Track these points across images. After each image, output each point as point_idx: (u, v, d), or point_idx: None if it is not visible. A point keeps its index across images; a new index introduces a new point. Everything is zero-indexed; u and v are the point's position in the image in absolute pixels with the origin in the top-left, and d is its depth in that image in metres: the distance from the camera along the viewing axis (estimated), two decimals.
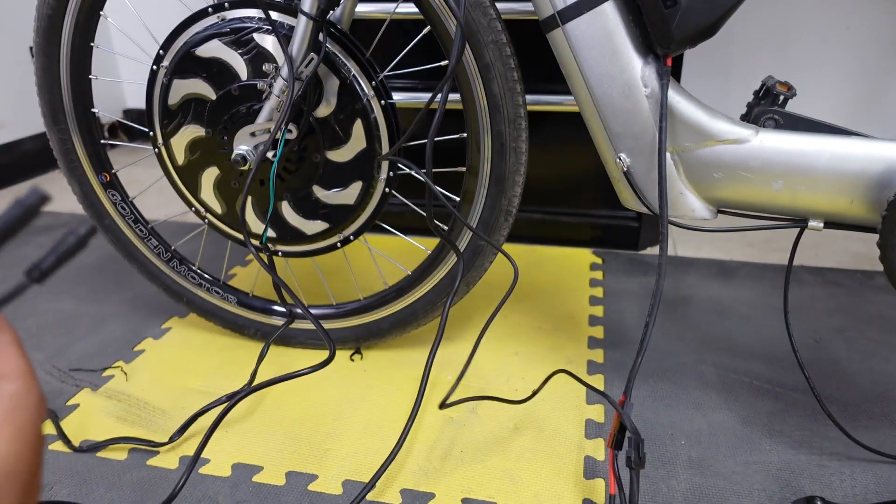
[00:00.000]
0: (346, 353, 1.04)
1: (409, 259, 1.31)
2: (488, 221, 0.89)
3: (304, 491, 0.77)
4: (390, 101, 0.86)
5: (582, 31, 0.73)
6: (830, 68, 1.52)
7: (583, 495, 0.76)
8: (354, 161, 0.88)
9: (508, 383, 0.96)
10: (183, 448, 0.85)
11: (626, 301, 1.19)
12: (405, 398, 0.93)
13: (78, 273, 1.32)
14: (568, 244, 1.42)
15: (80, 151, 1.02)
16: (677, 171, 0.76)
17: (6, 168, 1.88)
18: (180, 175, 0.96)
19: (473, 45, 0.80)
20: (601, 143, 0.79)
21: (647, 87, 0.74)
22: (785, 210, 0.74)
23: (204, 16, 0.86)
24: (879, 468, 0.79)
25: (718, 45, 1.56)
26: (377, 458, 0.82)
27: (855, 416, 0.88)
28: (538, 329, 1.10)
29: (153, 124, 0.93)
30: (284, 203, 0.92)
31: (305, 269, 1.29)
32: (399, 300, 0.98)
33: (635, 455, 0.64)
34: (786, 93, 0.74)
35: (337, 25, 0.84)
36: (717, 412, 0.89)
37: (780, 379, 0.96)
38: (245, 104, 0.86)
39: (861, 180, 0.69)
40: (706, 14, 0.69)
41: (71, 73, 0.97)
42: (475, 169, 0.88)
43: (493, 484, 0.78)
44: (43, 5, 0.92)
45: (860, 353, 1.01)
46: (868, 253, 1.36)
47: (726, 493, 0.76)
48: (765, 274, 1.28)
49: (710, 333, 1.08)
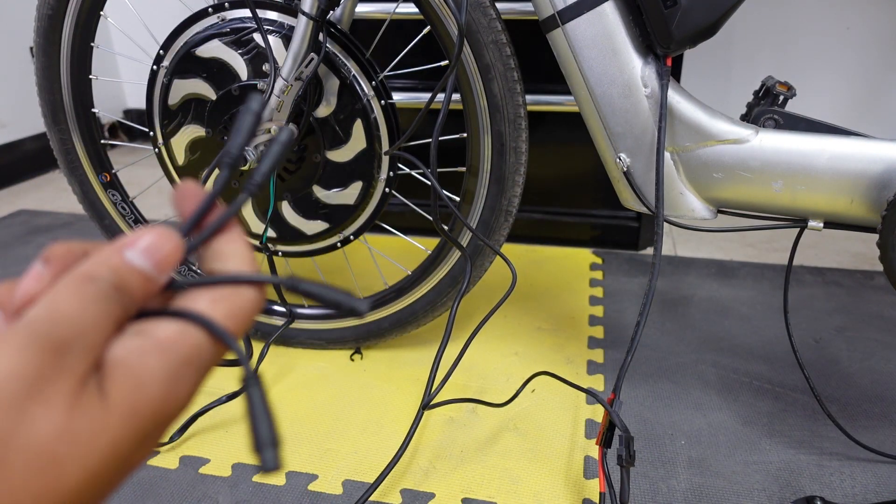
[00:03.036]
0: (346, 353, 1.04)
1: (409, 259, 1.31)
2: (488, 221, 0.89)
3: (304, 491, 0.78)
4: (390, 101, 0.86)
5: (582, 31, 0.73)
6: (830, 68, 1.52)
7: (582, 495, 0.76)
8: (354, 161, 0.88)
9: (508, 383, 0.96)
10: (183, 448, 0.85)
11: (626, 301, 1.19)
12: (405, 398, 0.93)
13: None
14: (568, 244, 1.42)
15: (81, 151, 1.02)
16: (677, 171, 0.76)
17: (6, 168, 1.89)
18: (180, 175, 0.96)
19: (473, 45, 0.80)
20: (601, 143, 0.79)
21: (646, 87, 0.74)
22: (785, 210, 0.74)
23: (204, 16, 0.86)
24: (879, 468, 0.79)
25: (718, 45, 1.56)
26: (377, 458, 0.82)
27: (855, 416, 0.88)
28: (538, 329, 1.10)
29: (153, 124, 0.93)
30: (284, 203, 0.92)
31: (305, 269, 1.29)
32: (399, 300, 0.98)
33: (626, 453, 0.64)
34: (786, 93, 0.74)
35: (337, 25, 0.84)
36: (717, 412, 0.89)
37: (780, 379, 0.96)
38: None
39: (861, 180, 0.69)
40: (706, 14, 0.69)
41: (71, 73, 0.97)
42: (475, 169, 0.88)
43: (493, 484, 0.78)
44: (43, 5, 0.92)
45: (860, 353, 1.01)
46: (868, 253, 1.36)
47: (726, 493, 0.76)
48: (765, 274, 1.28)
49: (710, 333, 1.08)
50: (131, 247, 0.24)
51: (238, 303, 0.26)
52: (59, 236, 1.49)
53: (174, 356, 0.23)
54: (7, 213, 1.66)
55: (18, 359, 0.20)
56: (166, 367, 0.23)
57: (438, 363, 0.84)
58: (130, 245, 0.24)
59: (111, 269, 0.23)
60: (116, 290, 0.23)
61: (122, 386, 0.22)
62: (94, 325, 0.22)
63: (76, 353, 0.21)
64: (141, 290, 0.24)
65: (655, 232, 0.73)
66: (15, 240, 1.49)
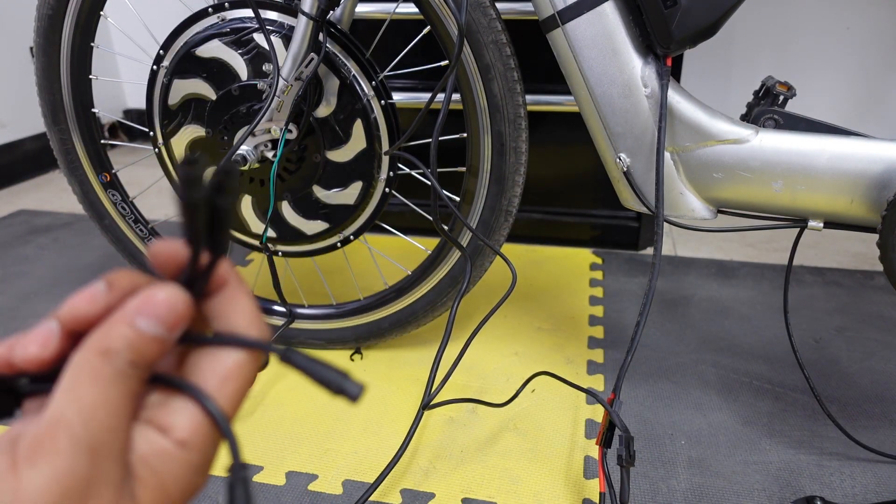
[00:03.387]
0: (346, 353, 1.04)
1: (409, 259, 1.31)
2: (488, 221, 0.89)
3: (304, 491, 0.78)
4: (390, 101, 0.86)
5: (582, 31, 0.73)
6: (830, 68, 1.52)
7: (582, 495, 0.76)
8: (354, 161, 0.88)
9: (508, 383, 0.96)
10: None
11: (626, 301, 1.19)
12: (405, 398, 0.93)
13: (78, 273, 1.32)
14: (568, 244, 1.42)
15: (81, 151, 1.02)
16: (677, 171, 0.76)
17: (6, 168, 1.89)
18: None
19: (473, 45, 0.80)
20: (601, 143, 0.79)
21: (646, 87, 0.74)
22: (785, 210, 0.74)
23: (204, 16, 0.86)
24: (879, 468, 0.79)
25: (718, 45, 1.56)
26: (377, 458, 0.82)
27: (855, 416, 0.88)
28: (538, 329, 1.10)
29: (153, 124, 0.93)
30: (285, 203, 0.92)
31: (305, 269, 1.29)
32: (399, 300, 0.98)
33: (626, 453, 0.64)
34: (786, 93, 0.74)
35: (337, 25, 0.84)
36: (717, 412, 0.89)
37: (780, 379, 0.96)
38: (245, 104, 0.86)
39: (861, 180, 0.69)
40: (706, 14, 0.69)
41: (71, 73, 0.97)
42: (475, 169, 0.88)
43: (493, 484, 0.78)
44: (43, 5, 0.92)
45: (860, 353, 1.01)
46: (868, 253, 1.36)
47: (726, 493, 0.76)
48: (765, 274, 1.28)
49: (710, 333, 1.08)
50: (143, 314, 0.24)
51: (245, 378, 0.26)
52: (59, 236, 1.50)
53: (193, 456, 0.25)
54: (7, 213, 1.66)
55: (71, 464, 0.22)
56: (187, 468, 0.25)
57: (438, 363, 0.84)
58: (142, 312, 0.24)
59: (127, 344, 0.24)
60: (133, 365, 0.24)
61: (150, 493, 0.24)
62: (118, 414, 0.23)
63: (111, 457, 0.23)
64: (156, 355, 0.25)
65: (655, 232, 0.73)
66: (15, 240, 1.49)
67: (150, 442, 0.24)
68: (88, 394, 0.23)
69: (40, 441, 0.22)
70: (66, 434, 0.22)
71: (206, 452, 0.25)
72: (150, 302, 0.25)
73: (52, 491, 0.21)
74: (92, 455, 0.22)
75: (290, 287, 1.19)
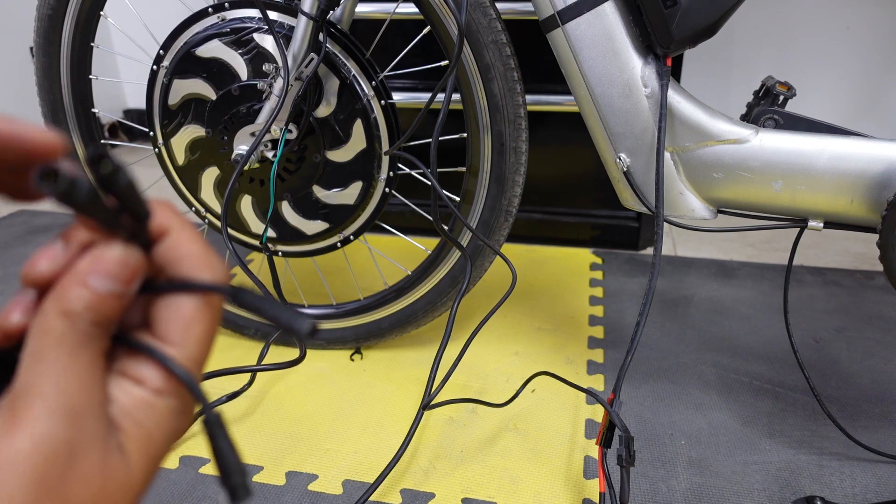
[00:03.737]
0: (346, 353, 1.04)
1: (409, 259, 1.31)
2: (488, 221, 0.89)
3: (304, 491, 0.78)
4: (390, 101, 0.86)
5: (582, 31, 0.73)
6: (830, 68, 1.52)
7: (582, 495, 0.76)
8: (354, 161, 0.88)
9: (508, 383, 0.96)
10: (183, 448, 0.85)
11: (626, 301, 1.19)
12: (405, 398, 0.93)
13: None
14: (568, 244, 1.42)
15: (81, 151, 1.02)
16: (677, 171, 0.76)
17: None
18: (180, 175, 0.96)
19: (473, 45, 0.80)
20: (601, 143, 0.79)
21: (646, 87, 0.74)
22: (785, 210, 0.74)
23: (204, 16, 0.86)
24: (879, 468, 0.79)
25: (718, 45, 1.56)
26: (377, 458, 0.82)
27: (855, 416, 0.88)
28: (538, 329, 1.10)
29: (153, 124, 0.93)
30: (285, 203, 0.92)
31: (305, 269, 1.29)
32: (399, 300, 0.98)
33: (626, 453, 0.64)
34: (786, 93, 0.74)
35: (337, 25, 0.84)
36: (717, 412, 0.89)
37: (780, 379, 0.96)
38: (245, 104, 0.86)
39: (861, 180, 0.69)
40: (706, 14, 0.69)
41: (71, 73, 0.97)
42: (475, 169, 0.88)
43: (493, 484, 0.78)
44: (43, 5, 0.92)
45: (860, 353, 1.01)
46: (868, 253, 1.36)
47: (726, 493, 0.76)
48: (765, 274, 1.28)
49: (710, 333, 1.08)
50: (96, 273, 0.24)
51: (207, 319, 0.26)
52: None
53: (173, 401, 0.25)
54: (7, 213, 1.66)
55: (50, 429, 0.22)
56: (169, 413, 0.25)
57: (438, 363, 0.84)
58: (95, 271, 0.24)
59: (85, 304, 0.23)
60: (96, 325, 0.24)
61: (137, 442, 0.24)
62: (89, 374, 0.23)
63: (91, 416, 0.23)
64: (117, 311, 0.24)
65: (655, 232, 0.73)
66: (15, 240, 1.49)
67: (128, 393, 0.24)
68: (57, 358, 0.22)
69: (15, 411, 0.22)
70: (40, 401, 0.22)
71: (184, 394, 0.25)
72: (101, 259, 0.24)
73: (35, 458, 0.21)
74: (70, 417, 0.22)
75: (290, 287, 1.19)
